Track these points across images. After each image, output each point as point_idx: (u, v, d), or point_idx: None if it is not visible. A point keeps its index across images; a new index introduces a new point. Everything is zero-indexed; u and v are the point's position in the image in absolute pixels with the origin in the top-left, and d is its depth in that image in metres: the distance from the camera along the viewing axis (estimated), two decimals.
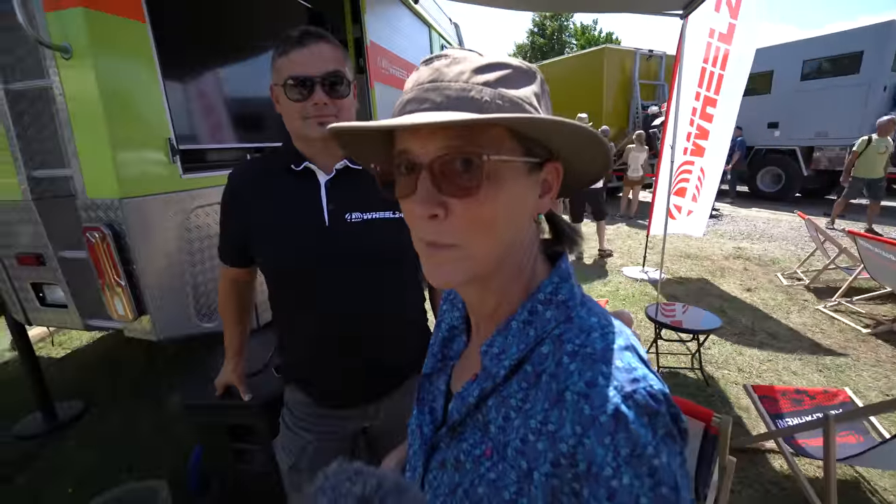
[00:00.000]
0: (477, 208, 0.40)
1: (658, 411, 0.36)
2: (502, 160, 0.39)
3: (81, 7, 1.33)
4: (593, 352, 0.40)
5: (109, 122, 1.38)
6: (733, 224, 7.11)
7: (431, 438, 0.51)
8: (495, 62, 0.41)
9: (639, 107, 9.13)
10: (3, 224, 1.65)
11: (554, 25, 30.57)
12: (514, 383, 0.43)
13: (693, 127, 3.65)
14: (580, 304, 0.46)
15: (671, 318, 2.64)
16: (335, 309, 0.93)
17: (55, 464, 2.13)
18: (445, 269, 0.42)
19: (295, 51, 0.87)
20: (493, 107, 0.38)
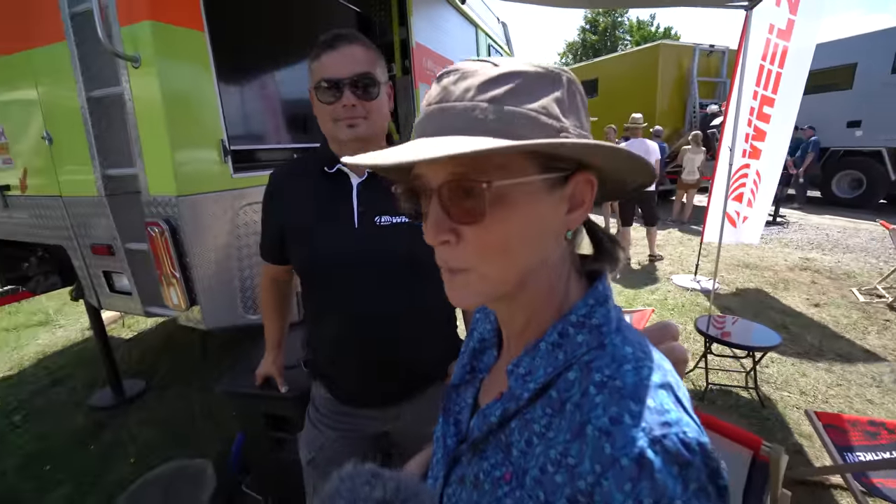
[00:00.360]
0: (487, 234, 0.38)
1: (691, 462, 0.33)
2: (509, 184, 0.37)
3: (149, 20, 1.44)
4: (623, 385, 0.37)
5: (169, 125, 1.48)
6: (801, 232, 6.53)
7: (454, 451, 0.50)
8: (506, 72, 0.38)
9: (696, 105, 8.61)
10: (81, 217, 1.83)
11: (607, 22, 29.51)
12: (539, 408, 0.42)
13: (750, 128, 3.39)
14: (615, 331, 0.42)
15: (723, 332, 2.47)
16: (358, 309, 0.94)
17: (120, 435, 2.34)
18: (460, 293, 0.42)
19: (326, 54, 0.88)
20: (498, 127, 0.36)
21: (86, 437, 2.33)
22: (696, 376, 2.72)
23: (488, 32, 5.13)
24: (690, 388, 2.64)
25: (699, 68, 8.63)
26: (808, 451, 2.11)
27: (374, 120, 0.92)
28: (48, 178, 1.86)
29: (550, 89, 0.39)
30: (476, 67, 0.39)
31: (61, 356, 3.32)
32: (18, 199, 1.99)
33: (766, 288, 4.25)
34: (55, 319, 4.01)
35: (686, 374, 2.71)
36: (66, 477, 2.05)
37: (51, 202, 1.88)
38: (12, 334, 3.73)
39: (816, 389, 2.60)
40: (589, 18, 30.01)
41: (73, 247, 1.90)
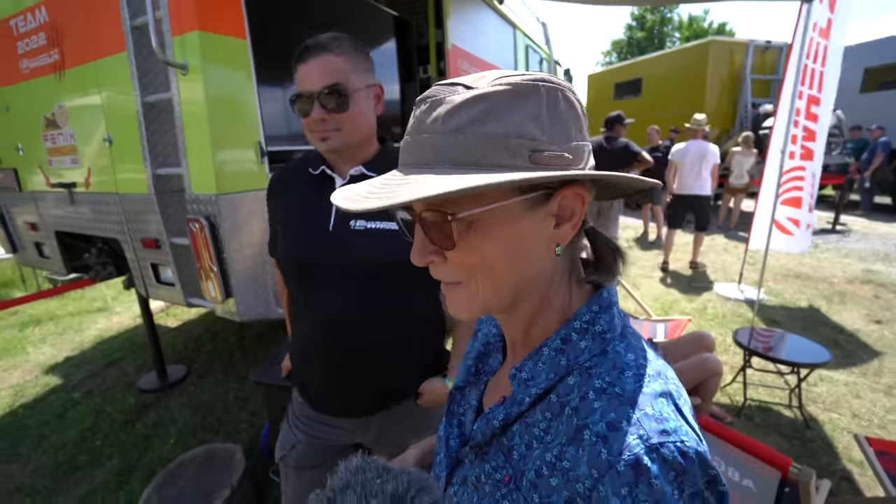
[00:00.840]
0: (464, 257, 0.40)
1: (687, 470, 0.33)
2: (479, 212, 0.38)
3: (197, 31, 1.54)
4: (622, 392, 0.37)
5: (212, 127, 1.58)
6: (865, 242, 6.02)
7: (457, 452, 0.51)
8: (472, 97, 0.37)
9: (748, 105, 8.11)
10: (134, 212, 1.98)
11: (655, 18, 28.41)
12: (539, 412, 0.42)
13: (798, 128, 3.22)
14: (619, 338, 0.43)
15: (765, 345, 2.32)
16: (321, 312, 0.93)
17: (163, 417, 2.51)
18: (458, 306, 0.44)
19: (299, 66, 0.88)
20: (466, 156, 0.36)
21: (133, 417, 2.51)
22: (733, 391, 2.58)
23: (526, 32, 5.08)
24: (727, 402, 2.50)
25: (753, 65, 8.14)
26: (859, 479, 1.95)
27: (349, 131, 0.90)
28: (108, 177, 2.03)
29: (523, 108, 0.37)
30: (445, 94, 0.38)
31: (116, 340, 3.60)
32: (83, 195, 2.18)
33: (820, 301, 3.95)
34: (112, 307, 4.35)
35: (722, 388, 2.57)
36: (115, 452, 2.23)
37: (109, 198, 2.05)
38: (76, 319, 4.09)
39: (872, 413, 2.39)
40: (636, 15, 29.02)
41: (126, 240, 2.06)
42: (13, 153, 2.47)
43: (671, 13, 28.31)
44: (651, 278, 4.75)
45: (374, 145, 0.99)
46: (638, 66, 10.28)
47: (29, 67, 2.15)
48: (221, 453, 1.80)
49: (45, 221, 2.49)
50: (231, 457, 1.77)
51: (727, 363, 2.85)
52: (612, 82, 10.83)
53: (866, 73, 9.17)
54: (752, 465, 1.05)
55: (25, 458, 2.24)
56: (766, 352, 2.27)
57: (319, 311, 0.94)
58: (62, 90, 2.06)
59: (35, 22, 2.05)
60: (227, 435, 2.32)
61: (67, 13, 1.94)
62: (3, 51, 2.24)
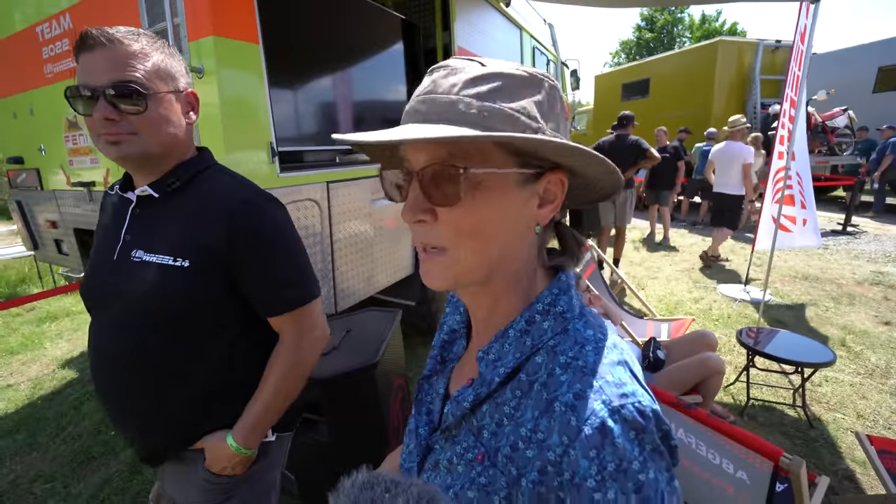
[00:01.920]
0: (461, 217, 0.42)
1: (645, 428, 0.37)
2: (485, 173, 0.40)
3: (212, 36, 1.61)
4: (584, 364, 0.41)
5: (225, 128, 1.64)
6: (877, 243, 5.95)
7: (427, 440, 0.53)
8: (491, 73, 0.41)
9: (758, 105, 8.05)
10: None
11: (665, 19, 28.23)
12: (508, 391, 0.44)
13: (784, 129, 3.26)
14: (578, 317, 0.46)
15: (768, 346, 2.33)
16: (95, 346, 0.87)
17: None
18: (434, 273, 0.44)
19: (81, 55, 0.75)
20: (478, 120, 0.39)
21: None
22: (736, 390, 2.59)
23: (533, 34, 5.11)
24: (730, 401, 2.51)
25: (763, 65, 8.09)
26: (861, 479, 1.95)
27: (149, 137, 0.78)
28: None
29: (531, 92, 0.42)
30: (464, 65, 0.42)
31: None
32: (100, 194, 2.26)
33: (827, 302, 3.93)
34: None
35: (726, 388, 2.58)
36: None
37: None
38: None
39: (877, 414, 2.39)
40: (645, 16, 28.87)
41: None
42: (36, 154, 2.56)
43: (682, 13, 28.12)
44: (656, 279, 4.75)
45: (179, 160, 0.86)
46: (646, 66, 10.24)
47: (53, 72, 2.24)
48: None
49: (65, 219, 2.59)
50: None
51: (731, 363, 2.85)
52: (619, 83, 10.80)
53: (880, 72, 9.03)
54: (746, 456, 1.08)
55: (44, 447, 2.32)
56: (769, 351, 2.27)
57: (91, 344, 0.87)
58: None
59: (59, 28, 2.14)
60: None
61: (90, 20, 2.02)
62: (29, 56, 2.33)
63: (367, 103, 2.57)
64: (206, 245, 0.82)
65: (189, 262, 0.81)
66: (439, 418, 0.54)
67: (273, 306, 0.89)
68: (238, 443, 0.86)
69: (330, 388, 1.51)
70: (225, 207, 0.84)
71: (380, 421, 1.66)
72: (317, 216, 2.06)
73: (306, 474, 1.78)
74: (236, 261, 0.84)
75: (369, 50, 2.59)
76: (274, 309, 0.90)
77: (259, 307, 0.90)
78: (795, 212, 3.45)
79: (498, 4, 3.96)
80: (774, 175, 3.34)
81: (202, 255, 0.82)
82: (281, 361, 0.90)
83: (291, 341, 0.91)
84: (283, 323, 0.91)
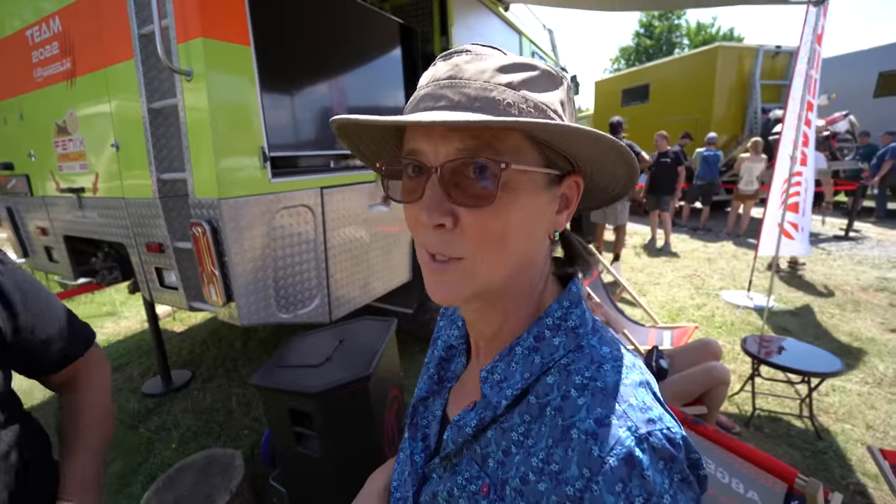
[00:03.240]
0: (488, 220, 0.36)
1: (675, 457, 0.33)
2: (521, 170, 0.36)
3: (201, 38, 1.57)
4: (604, 386, 0.36)
5: (214, 133, 1.60)
6: (880, 249, 5.89)
7: (423, 468, 0.48)
8: (521, 62, 0.37)
9: (758, 110, 8.04)
10: (139, 217, 2.00)
11: (663, 25, 28.38)
12: (517, 415, 0.40)
13: (798, 133, 3.19)
14: (591, 332, 0.42)
15: (774, 354, 2.27)
16: None
17: (165, 421, 2.51)
18: (449, 286, 0.39)
19: None
20: (517, 111, 0.35)
21: (137, 421, 2.53)
22: (741, 400, 2.52)
23: (533, 39, 5.10)
24: (735, 412, 2.44)
25: (763, 70, 8.08)
26: (874, 494, 1.88)
27: None
28: (115, 182, 2.06)
29: (556, 88, 0.39)
30: (488, 52, 0.38)
31: (123, 345, 3.63)
32: (91, 200, 2.22)
33: (832, 309, 3.86)
34: (121, 311, 4.40)
35: (730, 397, 2.52)
36: (118, 456, 2.23)
37: (116, 203, 2.08)
38: None
39: (888, 424, 2.32)
40: (644, 22, 29.01)
41: (131, 244, 2.09)
42: (26, 159, 2.52)
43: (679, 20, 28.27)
44: (658, 285, 4.69)
45: None
46: (645, 72, 10.25)
47: (42, 76, 2.21)
48: (221, 458, 1.79)
49: (55, 226, 2.54)
50: (231, 462, 1.77)
51: (735, 372, 2.79)
52: (619, 88, 10.81)
53: (881, 77, 9.04)
54: (757, 476, 1.02)
55: None
56: (775, 360, 2.21)
57: None
58: (73, 97, 2.10)
59: (49, 32, 2.10)
60: (228, 440, 2.32)
61: (79, 23, 1.98)
62: (19, 60, 2.30)
63: (363, 108, 2.53)
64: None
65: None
66: (436, 444, 0.49)
67: (68, 353, 0.80)
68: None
69: (322, 401, 1.45)
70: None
71: (373, 434, 1.60)
72: (310, 222, 2.01)
73: (297, 488, 1.71)
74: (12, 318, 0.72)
75: (366, 54, 2.55)
76: (70, 355, 0.80)
77: (50, 361, 0.78)
78: (797, 219, 3.43)
79: (496, 9, 3.94)
80: (786, 180, 3.28)
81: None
82: (100, 402, 0.82)
83: (99, 379, 0.84)
84: (80, 367, 0.82)
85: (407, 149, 0.39)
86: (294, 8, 1.97)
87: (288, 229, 1.90)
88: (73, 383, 0.83)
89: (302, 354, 1.73)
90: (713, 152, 6.94)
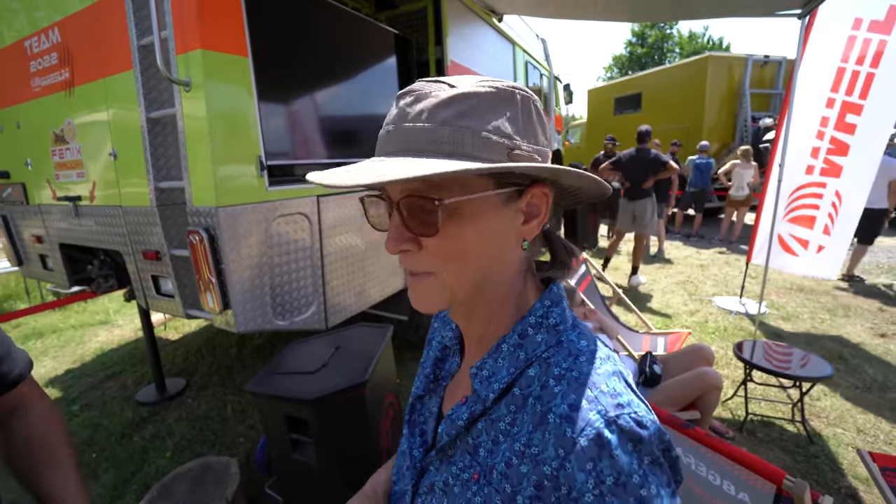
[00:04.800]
0: (445, 244, 0.41)
1: (642, 438, 0.35)
2: (462, 200, 0.39)
3: (200, 49, 1.59)
4: (579, 375, 0.40)
5: (212, 142, 1.62)
6: (869, 255, 5.93)
7: (421, 461, 0.51)
8: (459, 94, 0.39)
9: (748, 119, 8.19)
10: (136, 225, 2.01)
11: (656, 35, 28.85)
12: (503, 406, 0.44)
13: (824, 140, 2.95)
14: (571, 328, 0.45)
15: (766, 358, 2.30)
16: None
17: (160, 430, 2.50)
18: (424, 297, 0.44)
19: None
20: (450, 146, 0.38)
21: (130, 430, 2.51)
22: (734, 405, 2.54)
23: (526, 49, 5.18)
24: (728, 417, 2.47)
25: (752, 80, 8.24)
26: (865, 497, 1.91)
27: None
28: (112, 190, 2.07)
29: (503, 110, 0.40)
30: (431, 89, 0.40)
31: (116, 353, 3.60)
32: (87, 208, 2.22)
33: (823, 314, 3.91)
34: (114, 319, 4.38)
35: (723, 402, 2.54)
36: (110, 466, 2.21)
37: (113, 211, 2.09)
38: (78, 331, 4.11)
39: (878, 428, 2.35)
40: (636, 32, 29.48)
41: (128, 252, 2.09)
42: (22, 168, 2.53)
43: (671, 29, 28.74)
44: (651, 291, 4.72)
45: None
46: (638, 80, 10.39)
47: (40, 85, 2.22)
48: (216, 467, 1.79)
49: (50, 234, 2.54)
50: (226, 470, 1.76)
51: (728, 377, 2.82)
52: (612, 97, 10.94)
53: None
54: (747, 477, 1.04)
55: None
56: (767, 365, 2.24)
57: None
58: (71, 107, 2.12)
59: (48, 42, 2.12)
60: (223, 448, 2.31)
61: (79, 33, 2.00)
62: (17, 70, 2.31)
63: (358, 118, 2.57)
64: None
65: None
66: (433, 438, 0.52)
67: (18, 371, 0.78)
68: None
69: (318, 407, 1.46)
70: None
71: (369, 441, 1.60)
72: (307, 230, 2.02)
73: (293, 496, 1.71)
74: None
75: (362, 64, 2.59)
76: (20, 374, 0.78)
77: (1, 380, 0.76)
78: (811, 235, 3.10)
79: (490, 19, 4.01)
80: (794, 191, 3.07)
81: None
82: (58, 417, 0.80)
83: (47, 399, 0.82)
84: (27, 386, 0.80)
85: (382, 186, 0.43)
86: (291, 19, 2.01)
87: (284, 237, 1.91)
88: (21, 405, 0.80)
89: (298, 361, 1.74)
90: (705, 160, 7.04)
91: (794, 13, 3.00)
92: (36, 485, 0.75)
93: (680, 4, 3.21)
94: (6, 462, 0.78)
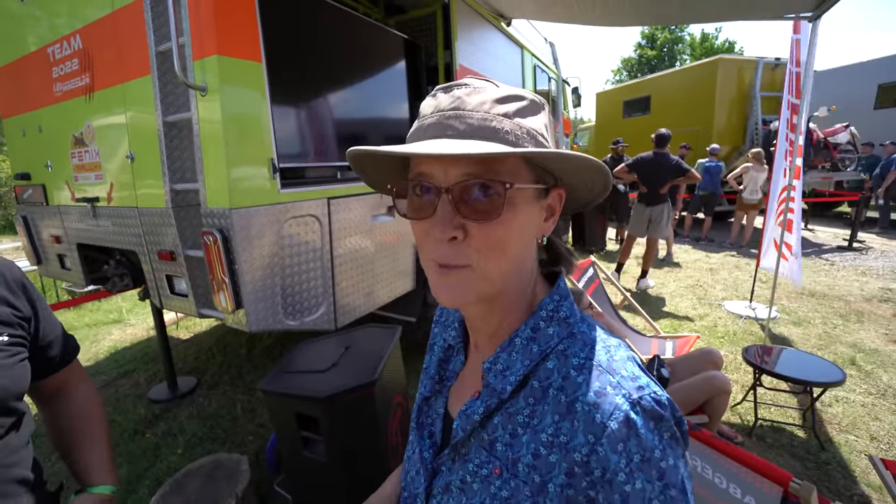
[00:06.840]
0: (493, 232, 0.42)
1: (663, 416, 0.38)
2: (518, 188, 0.42)
3: (216, 55, 1.64)
4: (599, 363, 0.42)
5: (227, 145, 1.66)
6: (884, 259, 5.89)
7: (432, 462, 0.52)
8: (512, 94, 0.43)
9: (758, 122, 8.10)
10: (152, 226, 2.06)
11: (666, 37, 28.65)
12: (521, 399, 0.45)
13: (787, 142, 3.14)
14: (580, 321, 0.47)
15: (775, 364, 2.28)
16: None
17: (172, 427, 2.54)
18: (457, 290, 0.43)
19: None
20: (513, 137, 0.41)
21: (143, 427, 2.56)
22: (744, 410, 2.52)
23: (534, 53, 5.19)
24: (737, 422, 2.45)
25: (763, 83, 8.16)
26: None
27: None
28: (129, 192, 2.12)
29: (541, 114, 0.45)
30: (484, 84, 0.44)
31: (129, 351, 3.67)
32: (105, 209, 2.28)
33: (835, 319, 3.86)
34: (127, 318, 4.46)
35: (733, 407, 2.52)
36: (124, 461, 2.26)
37: (129, 212, 2.14)
38: (92, 330, 4.19)
39: (892, 436, 2.32)
40: (646, 34, 29.30)
41: (143, 252, 2.14)
42: (43, 170, 2.60)
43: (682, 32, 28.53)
44: (660, 295, 4.70)
45: None
46: (647, 83, 10.35)
47: (62, 90, 2.29)
48: (227, 463, 1.82)
49: (69, 234, 2.60)
50: (237, 467, 1.79)
51: (738, 381, 2.79)
52: (621, 100, 10.91)
53: (880, 89, 9.12)
54: (753, 480, 1.04)
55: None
56: (777, 371, 2.22)
57: None
58: (91, 111, 2.18)
59: (70, 49, 2.19)
60: (234, 446, 2.34)
61: (99, 40, 2.07)
62: (40, 76, 2.38)
63: (368, 121, 2.60)
64: (13, 305, 0.76)
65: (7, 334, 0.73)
66: (442, 439, 0.53)
67: (68, 354, 0.89)
68: (109, 483, 0.85)
69: (328, 405, 1.48)
70: None
71: (378, 439, 1.62)
72: (317, 232, 2.06)
73: (302, 494, 1.74)
74: (35, 318, 0.81)
75: (372, 68, 2.63)
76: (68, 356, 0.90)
77: (53, 361, 0.86)
78: (791, 239, 3.22)
79: (499, 24, 4.03)
80: (779, 194, 3.22)
81: (15, 320, 0.76)
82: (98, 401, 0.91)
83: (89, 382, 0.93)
84: (73, 369, 0.91)
85: (416, 171, 0.44)
86: (303, 26, 2.05)
87: (296, 238, 1.95)
88: (65, 387, 0.90)
89: (308, 360, 1.77)
90: (715, 163, 6.98)
91: (805, 16, 3.00)
92: (75, 460, 0.86)
93: (688, 7, 3.22)
94: (50, 436, 0.89)
